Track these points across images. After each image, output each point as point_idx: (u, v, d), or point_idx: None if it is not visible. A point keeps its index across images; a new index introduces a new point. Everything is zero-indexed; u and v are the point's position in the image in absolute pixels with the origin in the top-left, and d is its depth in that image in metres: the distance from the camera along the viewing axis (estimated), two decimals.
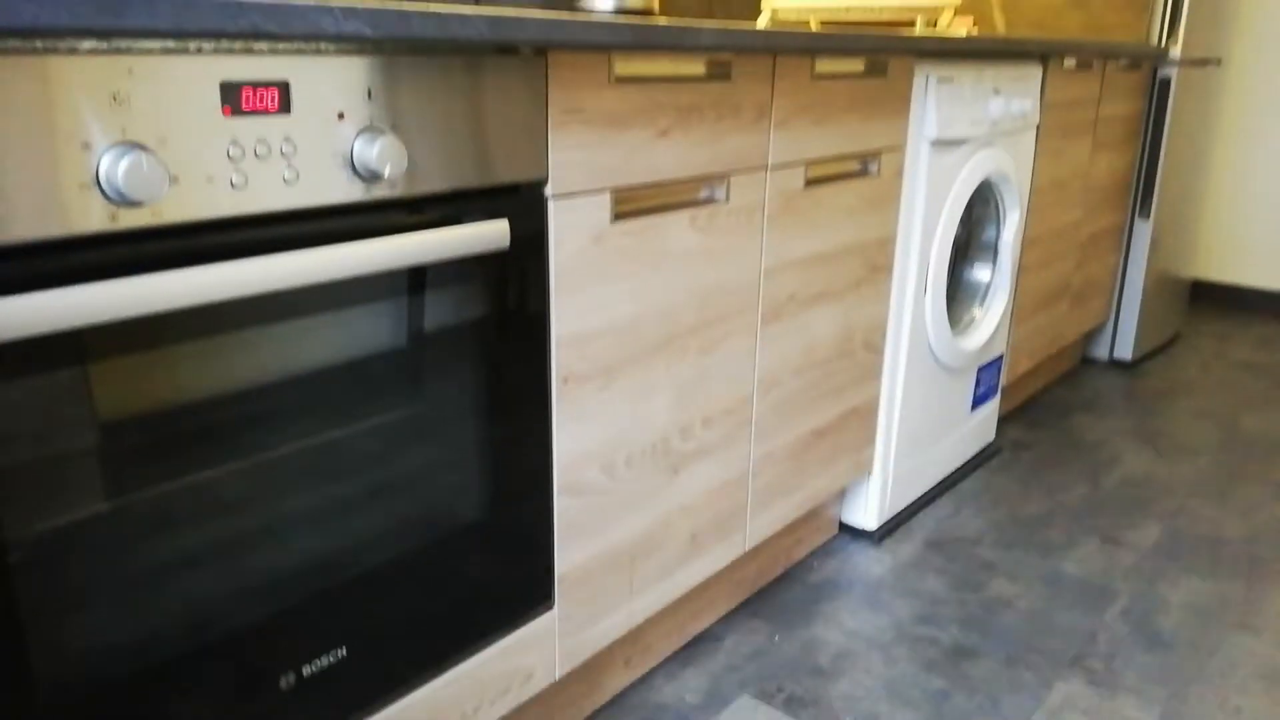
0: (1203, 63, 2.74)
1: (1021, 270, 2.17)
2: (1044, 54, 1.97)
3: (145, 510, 0.73)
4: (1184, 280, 3.11)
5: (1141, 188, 2.71)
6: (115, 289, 0.65)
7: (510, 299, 0.98)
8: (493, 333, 0.97)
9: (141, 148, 0.66)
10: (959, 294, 2.03)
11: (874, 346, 1.68)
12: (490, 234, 0.90)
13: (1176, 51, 2.58)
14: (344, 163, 0.79)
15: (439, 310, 0.91)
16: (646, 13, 1.68)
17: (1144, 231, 2.73)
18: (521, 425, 1.03)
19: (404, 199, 0.86)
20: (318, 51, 0.76)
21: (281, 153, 0.75)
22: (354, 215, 0.82)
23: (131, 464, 0.71)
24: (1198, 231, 3.15)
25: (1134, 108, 2.60)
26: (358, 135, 0.80)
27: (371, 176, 0.81)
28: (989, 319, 2.01)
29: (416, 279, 0.89)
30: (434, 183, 0.87)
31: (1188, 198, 2.94)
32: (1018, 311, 2.20)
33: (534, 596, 1.11)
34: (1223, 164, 3.50)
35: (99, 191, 0.65)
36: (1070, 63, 2.14)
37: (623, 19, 0.98)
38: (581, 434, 1.11)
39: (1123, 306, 2.81)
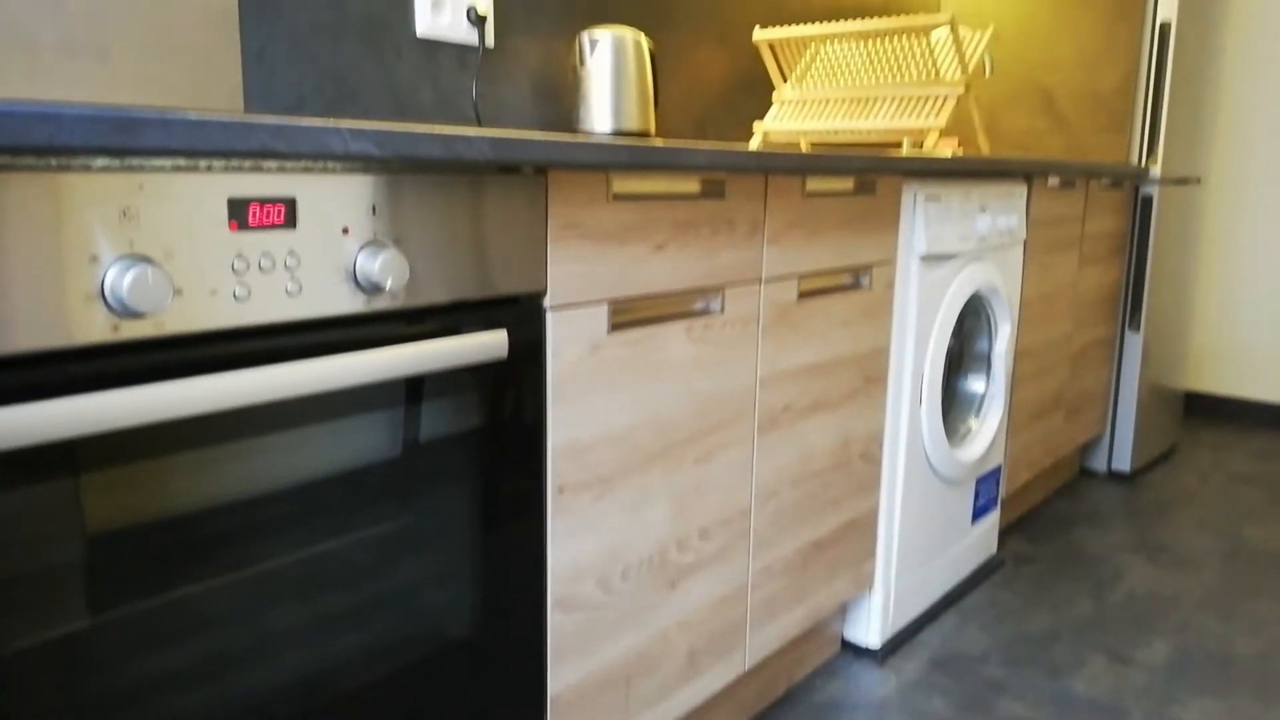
0: (1183, 181, 2.83)
1: (1016, 382, 2.18)
2: (1028, 173, 2.04)
3: (128, 626, 0.71)
4: (1177, 392, 3.13)
5: (1130, 301, 2.76)
6: (112, 399, 0.65)
7: (507, 408, 0.98)
8: (489, 442, 0.97)
9: (148, 261, 0.67)
10: (955, 405, 2.04)
11: (871, 457, 1.68)
12: (489, 344, 0.91)
13: (1156, 171, 2.67)
14: (346, 276, 0.81)
15: (435, 420, 0.91)
16: (643, 134, 1.74)
17: (1135, 344, 2.76)
18: (515, 537, 1.02)
19: (404, 310, 0.87)
20: (325, 169, 0.78)
21: (285, 266, 0.76)
22: (355, 326, 0.83)
23: (116, 578, 0.70)
24: (1188, 344, 3.19)
25: (1118, 224, 2.67)
26: (361, 249, 0.81)
27: (373, 289, 0.82)
28: (985, 430, 2.01)
29: (414, 388, 0.89)
30: (435, 294, 0.89)
31: (1176, 311, 2.98)
32: (1014, 423, 2.20)
33: (525, 719, 1.07)
34: (1209, 278, 3.57)
35: (103, 303, 0.66)
36: (1054, 181, 2.21)
37: (620, 140, 1.02)
38: (577, 546, 1.10)
39: (1118, 418, 2.82)
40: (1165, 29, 2.61)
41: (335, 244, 0.79)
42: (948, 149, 2.14)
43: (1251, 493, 2.71)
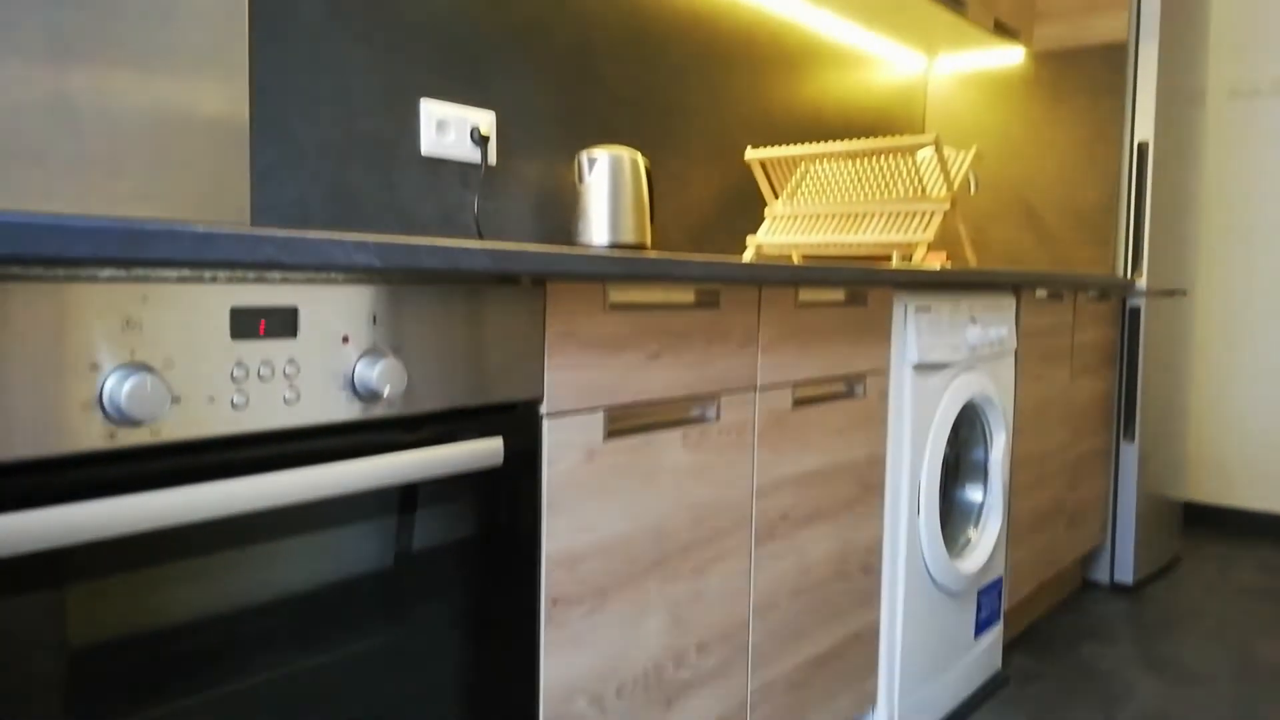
0: (1169, 293, 2.88)
1: (1014, 491, 2.17)
2: (1015, 285, 2.08)
3: None
4: (1176, 502, 3.11)
5: (1123, 411, 2.77)
6: (104, 508, 0.64)
7: (501, 517, 0.97)
8: (482, 552, 0.96)
9: (148, 369, 0.68)
10: (953, 515, 2.02)
11: (871, 569, 1.65)
12: (484, 452, 0.91)
13: (1142, 284, 2.73)
14: (345, 383, 0.81)
15: (428, 529, 0.90)
16: (640, 247, 1.78)
17: (1130, 454, 2.76)
18: (507, 652, 0.99)
19: (401, 417, 0.87)
20: (328, 280, 0.80)
21: (285, 374, 0.77)
22: (351, 434, 0.83)
23: (96, 694, 0.68)
24: (1185, 453, 3.18)
25: (1108, 335, 2.71)
26: (360, 357, 0.82)
27: (371, 396, 0.83)
28: (985, 540, 1.98)
29: (408, 496, 0.88)
30: (431, 401, 0.89)
31: (1171, 421, 2.99)
32: (1013, 533, 2.18)
33: None
34: (1201, 388, 3.60)
35: (100, 411, 0.66)
36: (1042, 293, 2.26)
37: (617, 252, 1.05)
38: (570, 662, 1.07)
39: (1118, 529, 2.79)
40: (1143, 148, 2.72)
41: (335, 352, 0.80)
42: (936, 262, 2.18)
43: (1259, 606, 2.66)
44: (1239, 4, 3.44)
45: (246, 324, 0.74)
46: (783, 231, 2.27)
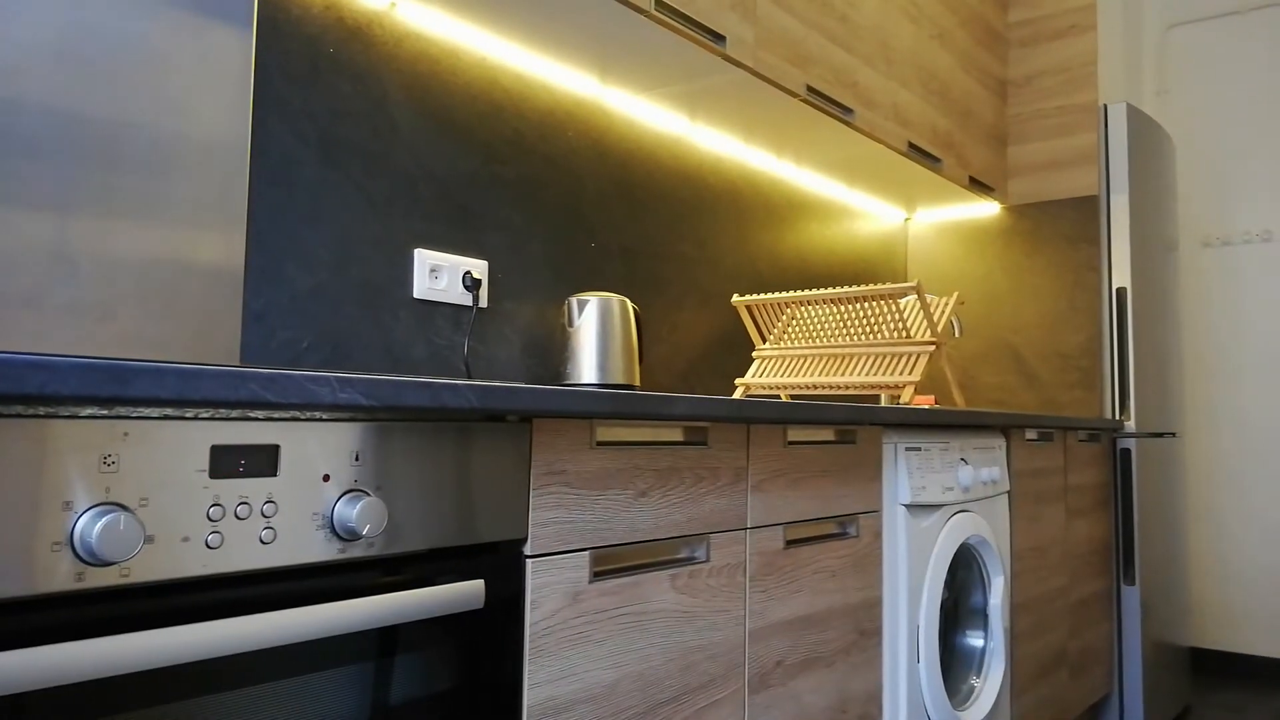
0: (1159, 435, 2.89)
1: (1016, 637, 2.10)
2: (1004, 426, 2.08)
3: None
4: (1183, 648, 3.01)
5: (1123, 554, 2.73)
6: (64, 652, 0.62)
7: (482, 663, 0.93)
8: (461, 702, 0.91)
9: (122, 508, 0.67)
10: (955, 662, 1.95)
11: None
12: (465, 594, 0.88)
13: (1131, 424, 2.74)
14: (324, 523, 0.80)
15: (407, 676, 0.87)
16: (628, 387, 1.80)
17: (1133, 598, 2.70)
18: None
19: (380, 558, 0.85)
20: (312, 418, 0.80)
21: (263, 513, 0.75)
22: (328, 575, 0.81)
23: None
24: (1189, 598, 3.11)
25: (1100, 476, 2.70)
26: (341, 496, 0.81)
27: (350, 536, 0.81)
28: (989, 688, 1.91)
29: (387, 640, 0.85)
30: (412, 542, 0.87)
31: (1171, 563, 2.94)
32: (1017, 682, 2.10)
33: None
34: (1199, 530, 3.56)
35: (70, 551, 0.64)
36: (1032, 434, 2.26)
37: (604, 390, 1.05)
38: None
39: (1125, 677, 2.69)
40: (1122, 294, 2.79)
41: (315, 491, 0.79)
42: (923, 404, 2.20)
43: None
44: (1203, 161, 3.62)
45: (226, 462, 0.73)
46: (770, 373, 2.30)
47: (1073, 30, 2.95)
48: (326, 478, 0.80)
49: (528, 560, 0.99)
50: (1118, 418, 2.75)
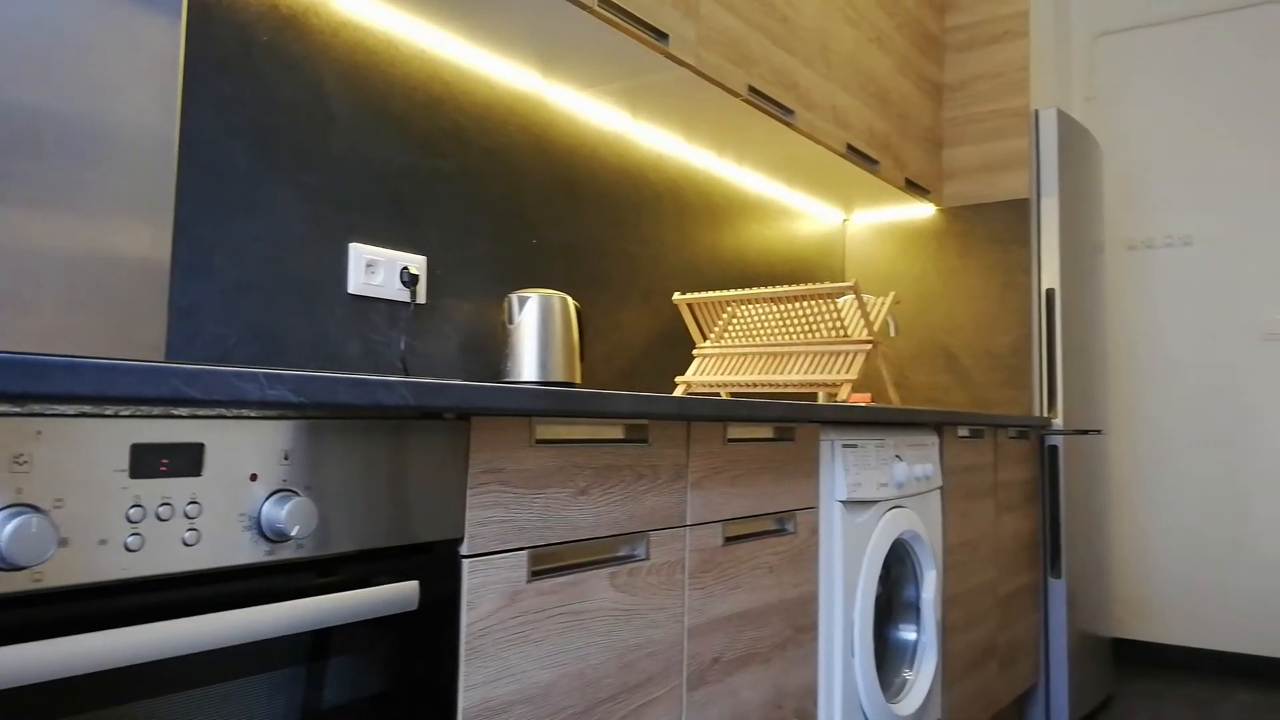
0: (1085, 432, 2.98)
1: (947, 630, 2.15)
2: (938, 423, 2.13)
3: None
4: (1105, 639, 3.11)
5: (1050, 548, 2.81)
6: None
7: (416, 665, 0.92)
8: (394, 705, 0.90)
9: (34, 509, 0.64)
10: (888, 655, 1.98)
11: (806, 715, 1.60)
12: (398, 596, 0.87)
13: (1059, 422, 2.82)
14: (251, 524, 0.77)
15: (339, 680, 0.85)
16: (569, 385, 1.79)
17: (1059, 590, 2.78)
18: None
19: (311, 560, 0.83)
20: (239, 416, 0.77)
21: (185, 514, 0.73)
22: (256, 577, 0.79)
23: None
24: (1112, 590, 3.22)
25: (1029, 472, 2.77)
26: (269, 497, 0.79)
27: (279, 537, 0.79)
28: (921, 681, 1.94)
29: (319, 644, 0.83)
30: (345, 543, 0.85)
31: (1096, 557, 3.04)
32: (949, 674, 2.15)
33: None
34: (1122, 525, 3.68)
35: None
36: (964, 432, 2.31)
37: (544, 387, 1.04)
38: None
39: (1051, 668, 2.77)
40: (1051, 295, 2.87)
41: (241, 491, 0.77)
42: (860, 402, 2.23)
43: None
44: (1128, 167, 3.74)
45: (147, 461, 0.71)
46: (711, 371, 2.31)
47: (1006, 36, 3.02)
48: (254, 477, 0.78)
49: (464, 560, 0.98)
50: (1046, 415, 2.83)
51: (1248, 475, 3.44)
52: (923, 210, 3.12)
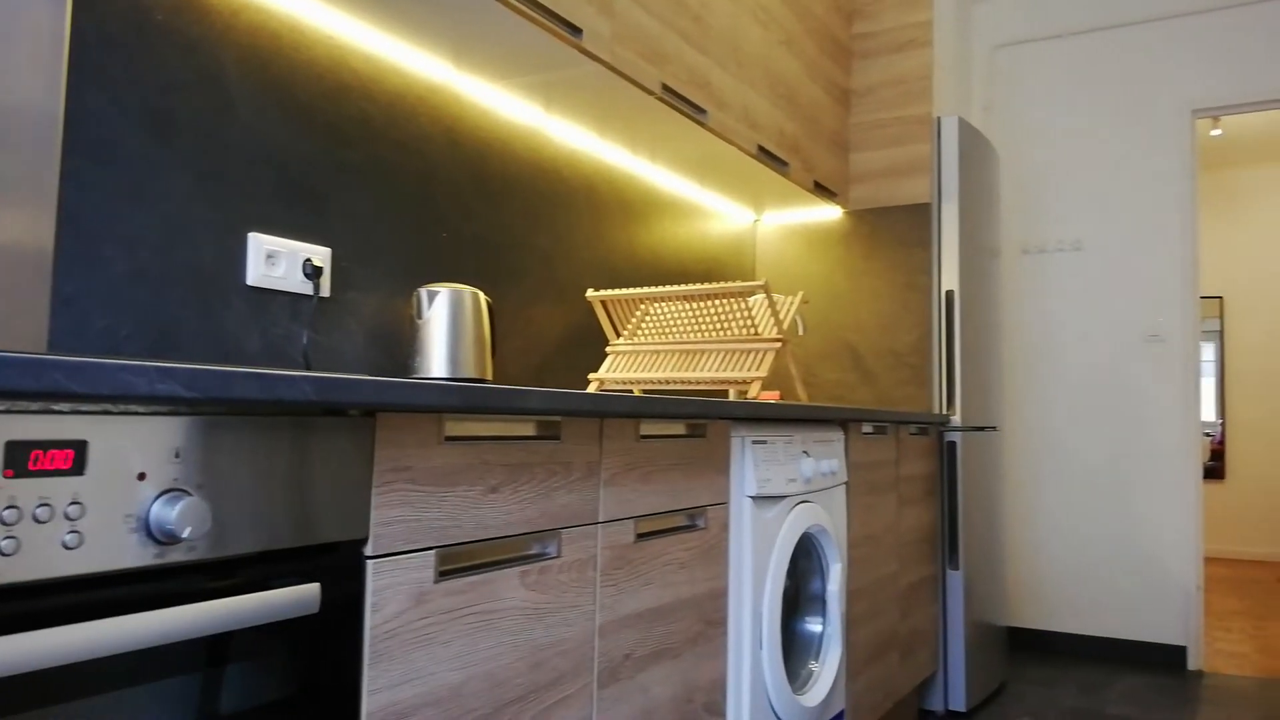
0: (981, 429, 3.10)
1: (851, 622, 2.20)
2: (843, 420, 2.18)
3: None
4: (1000, 628, 3.24)
5: (948, 541, 2.90)
6: None
7: (320, 671, 0.89)
8: (297, 712, 0.86)
9: None
10: (795, 647, 2.02)
11: (715, 708, 1.61)
12: (298, 599, 0.84)
13: (957, 419, 2.92)
14: (139, 525, 0.74)
15: (237, 686, 0.81)
16: (479, 380, 1.76)
17: (957, 581, 2.88)
18: None
19: (205, 562, 0.79)
20: (127, 412, 0.73)
21: (66, 515, 0.69)
22: (144, 581, 0.75)
23: None
24: (1006, 581, 3.35)
25: (929, 468, 2.86)
26: (158, 497, 0.75)
27: (169, 539, 0.75)
28: (826, 672, 1.99)
29: (215, 649, 0.79)
30: (242, 544, 0.82)
31: (991, 549, 3.16)
32: (852, 664, 2.20)
33: None
34: (1015, 518, 3.84)
35: None
36: (868, 428, 2.37)
37: (453, 383, 1.02)
38: None
39: (949, 657, 2.87)
40: (950, 296, 2.97)
41: (128, 491, 0.73)
42: (770, 399, 2.26)
43: None
44: (1023, 174, 3.90)
45: (24, 459, 0.66)
46: (624, 368, 2.31)
47: (910, 45, 3.11)
48: (142, 476, 0.74)
49: (369, 561, 0.95)
50: (945, 413, 2.93)
51: (1131, 470, 3.63)
52: (830, 212, 3.19)
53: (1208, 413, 6.56)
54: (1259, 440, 6.43)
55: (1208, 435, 6.54)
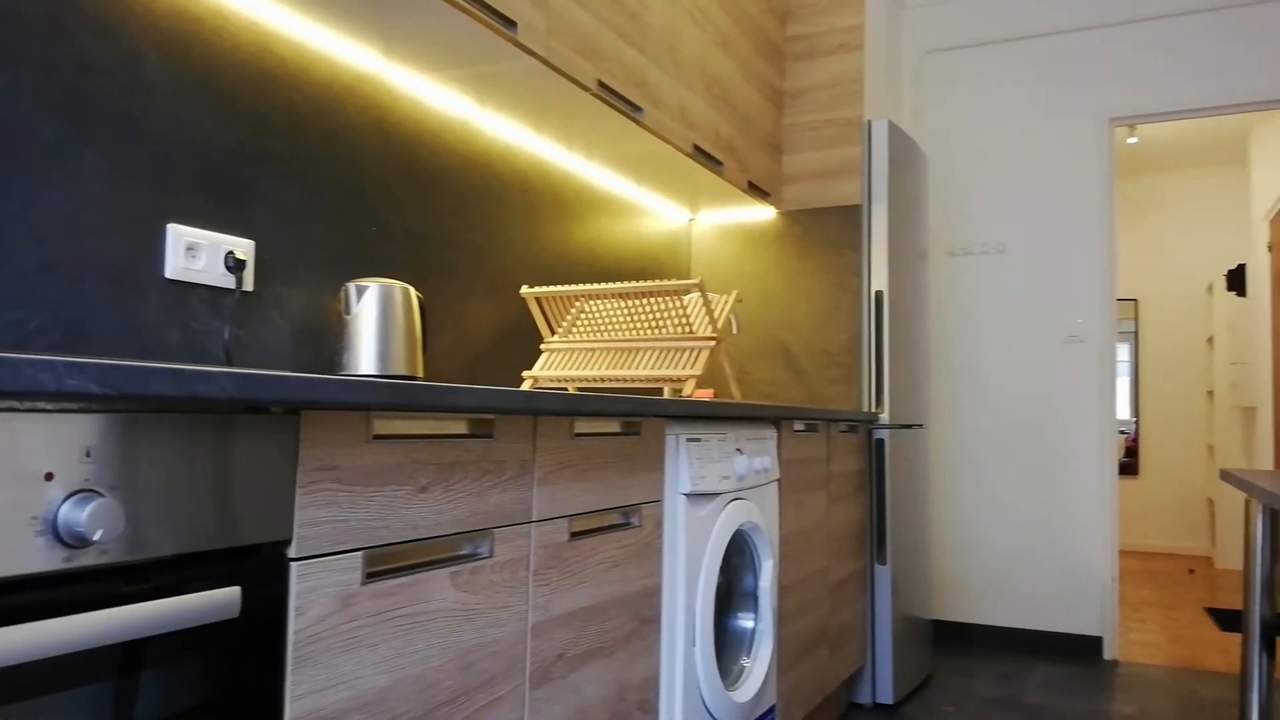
0: (908, 426, 3.16)
1: (782, 618, 2.23)
2: (776, 418, 2.20)
3: None
4: (926, 621, 3.32)
5: (876, 536, 2.96)
6: None
7: (241, 677, 0.86)
8: (217, 718, 0.83)
9: None
10: (727, 644, 2.03)
11: (648, 706, 1.61)
12: (217, 603, 0.81)
13: (885, 417, 2.98)
14: (45, 528, 0.70)
15: (154, 694, 0.78)
16: (410, 377, 1.73)
17: (884, 576, 2.93)
18: None
19: (119, 566, 0.76)
20: (32, 409, 0.70)
21: None
22: (51, 587, 0.71)
23: None
24: (931, 575, 3.43)
25: (858, 465, 2.91)
26: (67, 498, 0.71)
27: (79, 542, 0.72)
28: (758, 668, 2.00)
29: (130, 656, 0.76)
30: (158, 547, 0.79)
31: (918, 545, 3.23)
32: (783, 660, 2.22)
33: None
34: (940, 513, 3.93)
35: None
36: (800, 426, 2.40)
37: (382, 380, 1.00)
38: None
39: (877, 650, 2.92)
40: (880, 296, 3.02)
41: (34, 492, 0.69)
42: (704, 397, 2.27)
43: (1002, 717, 2.85)
44: (951, 178, 4.00)
45: None
46: (558, 365, 2.29)
47: (842, 49, 3.16)
48: (49, 476, 0.70)
49: (292, 563, 0.92)
50: (874, 411, 2.98)
51: (1051, 467, 3.75)
52: (764, 212, 3.22)
53: (1123, 411, 6.83)
54: (1170, 438, 6.70)
55: (1123, 433, 6.80)
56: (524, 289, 2.26)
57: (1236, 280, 5.90)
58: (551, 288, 2.24)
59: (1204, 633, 4.09)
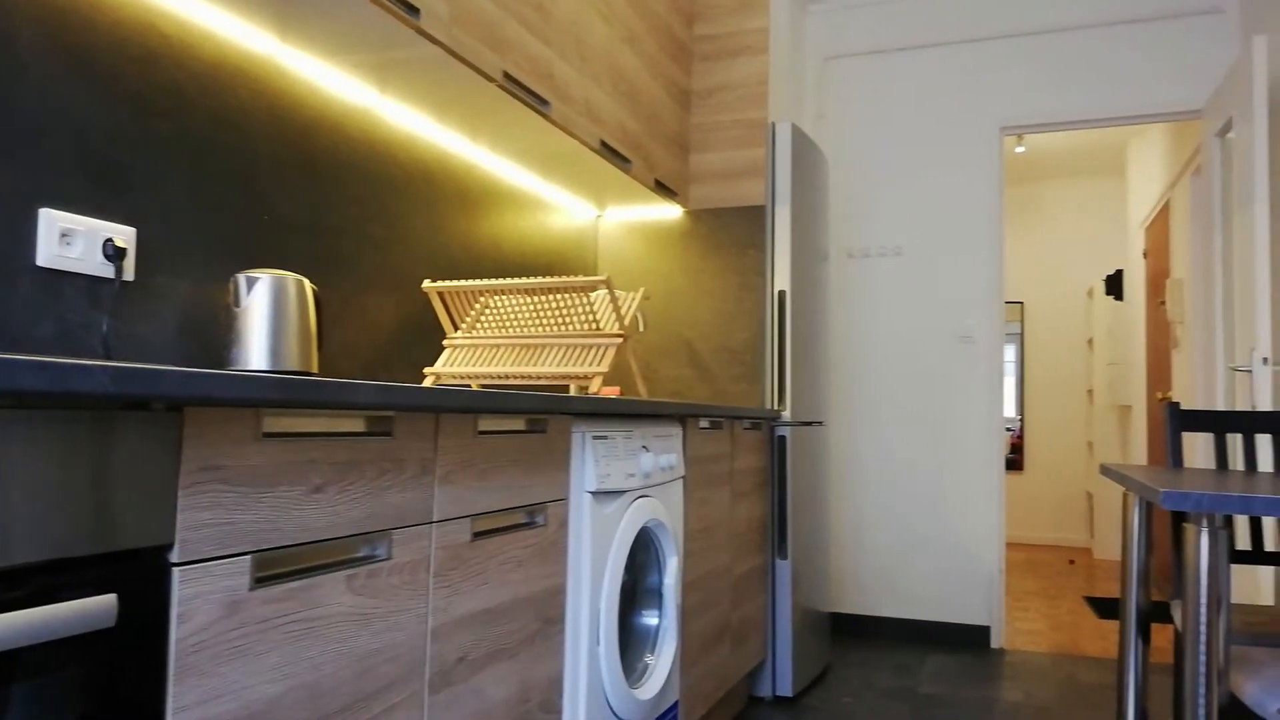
0: (808, 424, 3.23)
1: (686, 614, 2.24)
2: (681, 415, 2.21)
3: None
4: (824, 614, 3.39)
5: (777, 531, 3.01)
6: None
7: (119, 689, 0.81)
8: None
9: None
10: (632, 641, 2.03)
11: (551, 707, 1.59)
12: (91, 612, 0.76)
13: (787, 415, 3.03)
14: None
15: (25, 709, 0.72)
16: (304, 373, 1.66)
17: (785, 571, 2.99)
18: None
19: None
20: None
21: None
22: None
23: None
24: (830, 569, 3.51)
25: (761, 461, 2.95)
26: None
27: None
28: (662, 665, 2.01)
29: None
30: (25, 552, 0.73)
31: (817, 538, 3.30)
32: (687, 656, 2.24)
33: None
34: (838, 508, 4.03)
35: None
36: (704, 423, 2.42)
37: (272, 375, 0.95)
38: None
39: (777, 644, 2.97)
40: (783, 296, 3.07)
41: None
42: (611, 394, 2.26)
43: (899, 707, 2.94)
44: (850, 181, 4.09)
45: None
46: (462, 362, 2.25)
47: (748, 51, 3.20)
48: None
49: (174, 569, 0.87)
50: (776, 408, 3.03)
51: (943, 463, 3.89)
52: (671, 211, 3.23)
53: (1009, 409, 7.14)
54: (1052, 435, 7.04)
55: (1009, 430, 7.12)
56: (426, 283, 2.20)
57: (1114, 285, 6.25)
58: (455, 282, 2.20)
59: (1083, 620, 4.31)
